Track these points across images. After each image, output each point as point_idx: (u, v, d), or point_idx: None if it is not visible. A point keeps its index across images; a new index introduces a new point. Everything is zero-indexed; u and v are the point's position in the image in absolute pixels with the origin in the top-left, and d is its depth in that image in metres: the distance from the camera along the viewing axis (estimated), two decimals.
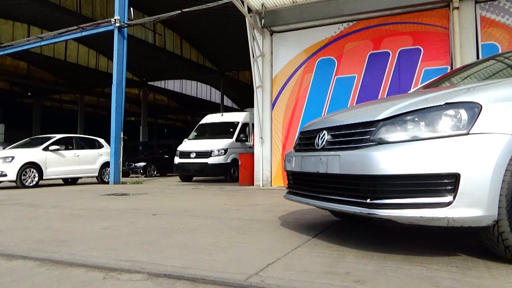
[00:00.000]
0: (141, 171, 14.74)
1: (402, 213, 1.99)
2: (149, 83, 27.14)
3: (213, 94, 33.41)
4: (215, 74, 25.95)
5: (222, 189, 7.82)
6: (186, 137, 12.09)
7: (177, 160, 10.93)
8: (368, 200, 2.10)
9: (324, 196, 2.49)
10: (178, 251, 2.38)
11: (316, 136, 2.65)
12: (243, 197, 6.14)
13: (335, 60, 8.28)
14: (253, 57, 8.49)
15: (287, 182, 3.21)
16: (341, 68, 8.21)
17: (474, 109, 2.01)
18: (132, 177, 13.56)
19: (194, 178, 11.99)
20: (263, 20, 8.71)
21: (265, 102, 8.83)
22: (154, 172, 15.35)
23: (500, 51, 6.73)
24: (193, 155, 10.65)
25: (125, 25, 10.92)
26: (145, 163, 15.02)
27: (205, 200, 5.63)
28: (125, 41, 10.98)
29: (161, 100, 33.16)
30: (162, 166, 15.64)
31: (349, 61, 8.13)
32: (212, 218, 3.79)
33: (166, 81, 28.89)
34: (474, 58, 6.97)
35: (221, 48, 21.68)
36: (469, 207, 1.88)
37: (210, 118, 12.56)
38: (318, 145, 2.59)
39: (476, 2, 7.20)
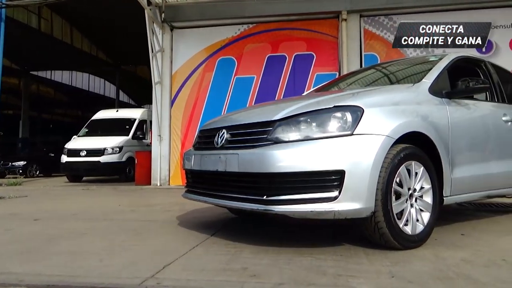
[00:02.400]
0: (21, 171, 13.08)
1: (295, 208, 2.11)
2: (32, 72, 24.20)
3: (107, 89, 31.25)
4: (110, 67, 24.30)
5: (116, 189, 7.37)
6: (76, 133, 11.10)
7: (64, 158, 9.96)
8: (265, 197, 2.18)
9: (222, 194, 2.51)
10: (64, 259, 2.17)
11: (216, 135, 2.66)
12: (139, 197, 5.88)
13: (235, 60, 8.42)
14: (152, 52, 8.18)
15: (185, 181, 3.16)
16: (241, 69, 8.39)
17: (357, 112, 2.23)
18: (9, 177, 11.96)
19: (85, 178, 11.08)
20: (163, 15, 8.43)
21: (164, 99, 8.58)
22: (36, 172, 13.75)
23: (379, 61, 7.59)
24: (83, 153, 9.81)
25: (3, 5, 9.59)
26: (25, 162, 13.36)
27: (96, 202, 5.24)
28: (3, 23, 9.63)
29: (46, 93, 29.82)
30: (47, 166, 14.09)
31: (249, 62, 8.35)
32: (104, 220, 3.54)
33: (53, 72, 26.12)
34: (358, 66, 7.74)
35: (117, 40, 20.34)
36: (351, 200, 2.08)
37: (104, 114, 11.73)
38: (217, 144, 2.60)
39: (361, 16, 8.00)
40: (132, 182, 9.17)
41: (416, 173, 2.39)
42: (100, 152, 9.78)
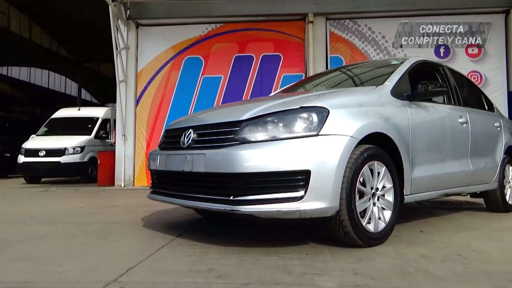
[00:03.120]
0: None
1: (262, 208, 2.12)
2: None
3: (69, 86, 30.08)
4: (72, 64, 23.39)
5: (77, 191, 7.11)
6: (35, 133, 10.60)
7: (21, 159, 9.48)
8: (232, 197, 2.18)
9: (189, 194, 2.49)
10: (20, 264, 2.06)
11: (182, 135, 2.63)
12: (102, 199, 5.70)
13: (203, 60, 8.36)
14: (117, 49, 7.95)
15: (151, 182, 3.10)
16: (208, 68, 8.33)
17: (323, 113, 2.27)
18: None
19: (44, 180, 10.61)
20: (128, 11, 8.22)
21: (128, 97, 8.36)
22: None
23: (344, 64, 7.77)
24: (42, 153, 9.37)
25: None
26: None
27: (56, 204, 5.04)
28: None
29: (2, 89, 28.29)
30: (2, 166, 13.37)
31: (216, 62, 8.31)
32: (64, 223, 3.41)
33: (10, 67, 24.83)
34: (324, 68, 7.89)
35: (79, 36, 19.59)
36: (317, 200, 2.11)
37: (65, 112, 11.27)
38: (184, 144, 2.57)
39: (327, 19, 8.16)
40: (94, 183, 8.88)
41: (379, 173, 2.46)
42: (60, 152, 9.38)
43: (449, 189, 3.29)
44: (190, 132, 2.56)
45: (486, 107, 4.27)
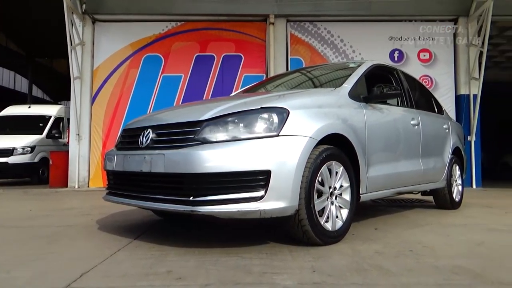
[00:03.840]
0: None
1: (222, 208, 2.11)
2: None
3: (18, 82, 28.42)
4: (22, 60, 22.11)
5: (27, 193, 6.74)
6: None
7: None
8: (191, 198, 2.15)
9: (147, 195, 2.43)
10: None
11: (141, 134, 2.56)
12: (55, 201, 5.44)
13: (162, 58, 8.20)
14: (71, 44, 7.61)
15: (107, 183, 3.00)
16: (168, 67, 8.19)
17: (283, 114, 2.30)
18: None
19: None
20: (84, 6, 7.91)
21: (84, 95, 8.04)
22: None
23: (304, 65, 7.92)
24: None
25: None
26: None
27: (4, 207, 4.75)
28: None
29: None
30: None
31: (176, 61, 8.19)
32: (12, 227, 3.22)
33: None
34: (284, 69, 8.00)
35: (31, 30, 18.54)
36: (277, 200, 2.14)
37: (14, 110, 10.64)
38: (142, 144, 2.51)
39: (287, 21, 8.28)
40: (46, 184, 8.45)
41: (336, 173, 2.53)
42: (8, 152, 8.85)
43: (402, 188, 3.44)
44: (149, 132, 2.50)
45: (436, 109, 4.51)
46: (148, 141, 2.47)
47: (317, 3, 8.04)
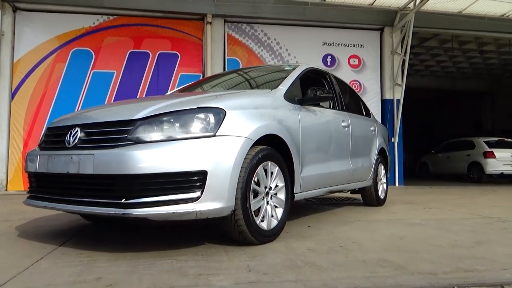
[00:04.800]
0: None
1: (156, 210, 2.04)
2: None
3: None
4: None
5: None
6: None
7: None
8: (123, 200, 2.06)
9: (74, 199, 2.27)
10: None
11: (68, 133, 2.40)
12: None
13: (93, 53, 7.76)
14: None
15: (28, 186, 2.76)
16: (99, 62, 7.77)
17: (220, 114, 2.29)
18: None
19: None
20: None
21: (2, 90, 7.34)
22: None
23: (240, 66, 7.98)
24: None
25: None
26: None
27: None
28: None
29: None
30: None
31: (108, 56, 7.80)
32: None
33: None
34: (221, 69, 8.00)
35: None
36: (213, 200, 2.13)
37: None
38: (69, 143, 2.35)
39: (225, 21, 8.28)
40: None
41: (272, 173, 2.58)
42: None
43: (333, 187, 3.61)
44: (77, 131, 2.35)
45: (364, 112, 4.80)
46: (76, 141, 2.32)
47: (255, 5, 8.15)
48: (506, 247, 2.48)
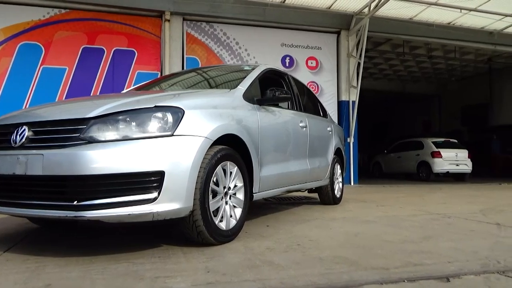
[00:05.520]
0: None
1: (111, 212, 1.98)
2: None
3: None
4: None
5: None
6: None
7: None
8: (75, 202, 1.97)
9: (21, 201, 2.15)
10: None
11: (14, 132, 2.26)
12: None
13: (43, 48, 7.37)
14: None
15: None
16: (50, 58, 7.39)
17: (178, 114, 2.25)
18: None
19: None
20: None
21: None
22: None
23: (200, 65, 7.90)
24: None
25: None
26: None
27: None
28: None
29: None
30: None
31: (60, 51, 7.44)
32: None
33: None
34: (180, 68, 7.88)
35: None
36: (171, 201, 2.09)
37: None
38: (15, 143, 2.21)
39: (184, 19, 8.16)
40: None
41: (231, 173, 2.58)
42: None
43: (291, 186, 3.67)
44: (25, 129, 2.22)
45: (321, 113, 4.92)
46: (23, 140, 2.19)
47: (214, 4, 8.10)
48: (450, 242, 2.63)
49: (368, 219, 3.68)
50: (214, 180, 2.40)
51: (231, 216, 2.57)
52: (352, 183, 9.14)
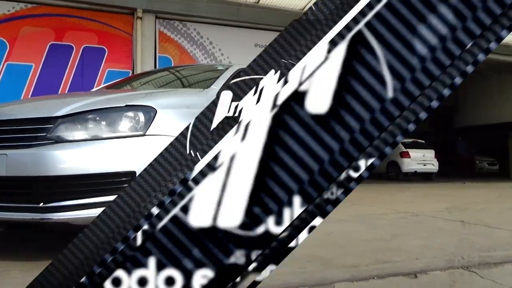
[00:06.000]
0: None
1: (80, 214, 1.93)
2: None
3: None
4: None
5: None
6: None
7: None
8: (42, 204, 1.90)
9: None
10: None
11: None
12: None
13: (7, 43, 7.07)
14: None
15: None
16: (15, 54, 7.10)
17: (150, 113, 2.21)
18: None
19: None
20: None
21: None
22: None
23: (172, 64, 7.80)
24: None
25: None
26: None
27: None
28: None
29: None
30: None
31: (25, 48, 7.15)
32: None
33: None
34: (152, 67, 7.75)
35: None
36: None
37: None
38: None
39: (156, 18, 8.03)
40: None
41: None
42: None
43: None
44: None
45: None
46: None
47: (188, 3, 8.02)
48: (418, 239, 2.72)
49: (341, 218, 3.74)
50: None
51: None
52: None
